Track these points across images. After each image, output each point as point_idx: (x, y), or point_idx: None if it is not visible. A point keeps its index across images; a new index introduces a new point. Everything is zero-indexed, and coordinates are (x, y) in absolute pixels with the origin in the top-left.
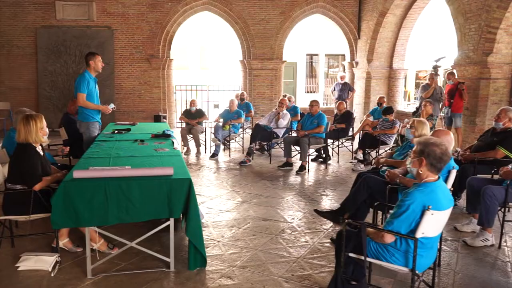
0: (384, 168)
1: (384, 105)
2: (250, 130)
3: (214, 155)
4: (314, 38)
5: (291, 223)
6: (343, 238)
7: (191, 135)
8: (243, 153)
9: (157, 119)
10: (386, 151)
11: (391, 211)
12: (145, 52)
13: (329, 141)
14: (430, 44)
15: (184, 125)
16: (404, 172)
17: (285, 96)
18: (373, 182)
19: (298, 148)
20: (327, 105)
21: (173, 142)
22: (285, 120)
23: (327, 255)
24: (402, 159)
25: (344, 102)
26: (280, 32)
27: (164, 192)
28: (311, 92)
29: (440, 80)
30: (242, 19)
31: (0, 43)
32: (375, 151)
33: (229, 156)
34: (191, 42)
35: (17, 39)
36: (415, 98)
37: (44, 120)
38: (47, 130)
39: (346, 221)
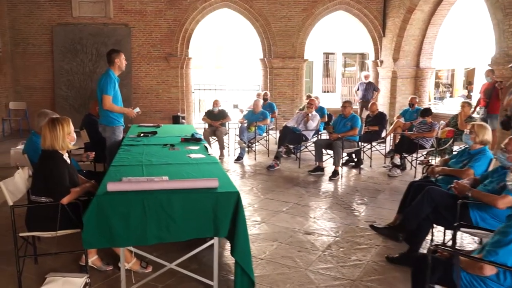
0: (440, 177)
1: (416, 106)
2: (274, 132)
3: (239, 159)
4: (331, 36)
5: (336, 237)
6: (428, 267)
7: (215, 137)
8: (268, 156)
9: (176, 119)
10: (423, 155)
11: (487, 239)
12: (163, 51)
13: (361, 144)
14: (454, 42)
15: (206, 126)
16: (472, 183)
17: (309, 96)
18: (438, 195)
19: (329, 151)
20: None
21: (206, 148)
22: (314, 122)
23: (387, 277)
24: (461, 168)
25: (376, 103)
26: (302, 30)
27: (209, 208)
28: (327, 91)
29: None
30: (263, 16)
31: (15, 41)
32: (412, 155)
33: (255, 159)
34: (206, 41)
35: (33, 37)
36: (434, 98)
37: (71, 124)
38: (74, 135)
39: (432, 246)
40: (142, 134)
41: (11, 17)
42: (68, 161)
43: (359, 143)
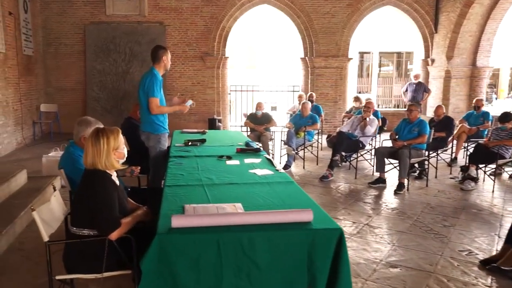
0: None
1: (482, 108)
2: (320, 137)
3: (286, 167)
4: (367, 35)
5: (431, 272)
6: None
7: (260, 143)
8: (317, 164)
9: (212, 123)
10: (501, 166)
11: None
12: (198, 50)
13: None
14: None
15: (249, 131)
16: None
17: (357, 98)
18: None
19: (392, 161)
20: (378, 107)
21: (270, 161)
22: (372, 127)
23: None
24: None
25: (442, 106)
26: (347, 27)
27: (303, 250)
28: (362, 92)
29: None
30: (304, 13)
31: (47, 41)
32: (488, 166)
33: (303, 168)
34: (238, 40)
35: (65, 37)
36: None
37: (121, 137)
38: (125, 151)
39: None
40: (190, 143)
41: (43, 16)
42: (117, 182)
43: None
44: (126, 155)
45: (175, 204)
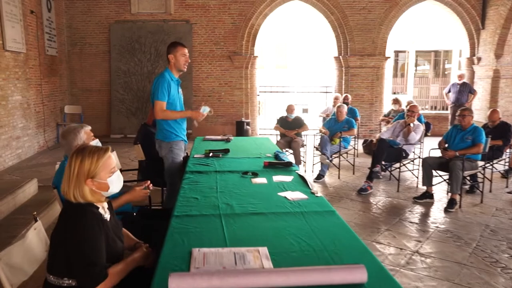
0: None
1: None
2: (355, 143)
3: (319, 177)
4: (402, 32)
5: None
6: None
7: (290, 150)
8: (353, 173)
9: (240, 126)
10: None
11: None
12: (226, 49)
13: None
14: None
15: (278, 136)
16: None
17: (397, 100)
18: None
19: (440, 172)
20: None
21: (304, 180)
22: (418, 134)
23: None
24: None
25: (498, 111)
26: (384, 23)
27: None
28: (397, 93)
29: None
30: (339, 8)
31: (73, 40)
32: None
33: (338, 178)
34: (268, 38)
35: (90, 36)
36: None
37: (106, 161)
38: (113, 183)
39: None
40: (211, 154)
41: (68, 15)
42: (107, 216)
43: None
44: (115, 188)
45: (181, 246)
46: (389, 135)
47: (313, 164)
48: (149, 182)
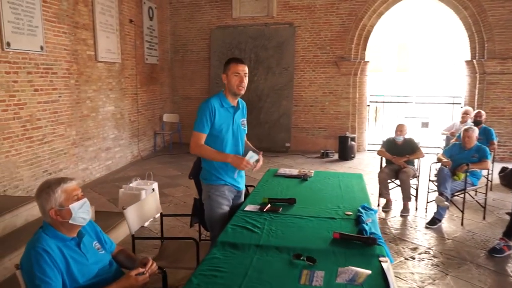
0: None
1: None
2: (491, 170)
3: (434, 222)
4: None
5: None
6: None
7: (398, 181)
8: (483, 218)
9: (343, 141)
10: None
11: None
12: (332, 54)
13: None
14: None
15: (384, 163)
16: None
17: None
18: None
19: None
20: None
21: (388, 283)
22: None
23: None
24: None
25: None
26: None
27: None
28: None
29: None
30: (474, 2)
31: (175, 48)
32: None
33: (461, 224)
34: (389, 38)
35: (192, 43)
36: None
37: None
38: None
39: None
40: (269, 205)
41: (172, 22)
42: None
43: None
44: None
45: None
46: None
47: (427, 202)
48: (150, 264)
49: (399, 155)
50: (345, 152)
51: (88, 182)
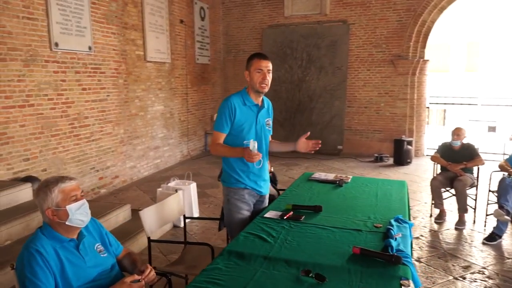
0: None
1: None
2: None
3: (492, 238)
4: None
5: None
6: None
7: (453, 190)
8: None
9: (399, 145)
10: None
11: None
12: (388, 52)
13: None
14: None
15: (438, 170)
16: None
17: None
18: None
19: None
20: None
21: None
22: None
23: None
24: None
25: None
26: None
27: None
28: None
29: None
30: None
31: (228, 47)
32: None
33: None
34: (458, 36)
35: (244, 43)
36: None
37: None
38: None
39: None
40: (291, 213)
41: (225, 22)
42: None
43: None
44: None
45: None
46: None
47: (486, 215)
48: (148, 272)
49: (456, 161)
50: (401, 156)
51: (136, 180)
